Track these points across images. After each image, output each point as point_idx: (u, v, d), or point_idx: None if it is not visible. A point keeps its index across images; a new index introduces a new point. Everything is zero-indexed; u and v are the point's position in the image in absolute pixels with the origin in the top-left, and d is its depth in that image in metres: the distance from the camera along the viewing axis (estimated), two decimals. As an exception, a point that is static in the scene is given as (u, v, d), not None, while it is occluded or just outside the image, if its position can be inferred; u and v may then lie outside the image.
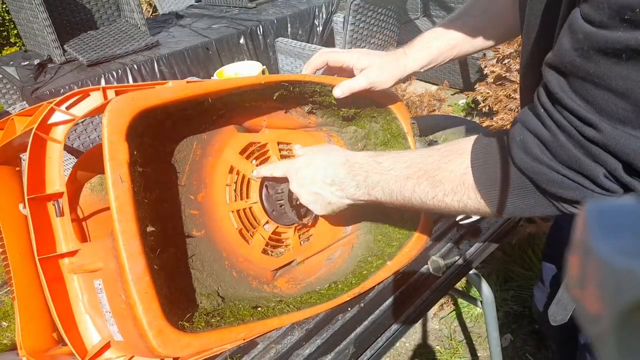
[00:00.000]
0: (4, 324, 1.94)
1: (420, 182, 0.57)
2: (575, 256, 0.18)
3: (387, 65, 0.77)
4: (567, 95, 0.42)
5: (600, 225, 0.17)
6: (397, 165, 0.61)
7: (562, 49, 0.41)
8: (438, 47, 0.79)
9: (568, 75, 0.42)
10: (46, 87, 2.31)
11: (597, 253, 0.16)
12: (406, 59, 0.78)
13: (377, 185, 0.62)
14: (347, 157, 0.67)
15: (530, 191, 0.50)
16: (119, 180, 0.52)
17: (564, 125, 0.43)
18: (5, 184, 0.72)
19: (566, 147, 0.44)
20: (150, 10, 5.03)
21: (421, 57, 0.79)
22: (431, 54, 0.79)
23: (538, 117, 0.47)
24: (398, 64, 0.78)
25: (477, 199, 0.53)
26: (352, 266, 0.80)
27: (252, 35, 2.93)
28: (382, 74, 0.76)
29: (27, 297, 0.70)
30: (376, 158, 0.64)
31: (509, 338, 1.59)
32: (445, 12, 3.64)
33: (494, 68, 2.04)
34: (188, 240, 0.66)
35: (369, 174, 0.63)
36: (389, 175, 0.61)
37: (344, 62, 0.77)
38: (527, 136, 0.48)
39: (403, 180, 0.59)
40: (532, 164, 0.47)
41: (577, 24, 0.39)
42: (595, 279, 0.17)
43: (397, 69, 0.78)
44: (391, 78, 0.77)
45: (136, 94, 0.56)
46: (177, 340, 0.53)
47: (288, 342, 0.67)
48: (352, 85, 0.75)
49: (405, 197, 0.59)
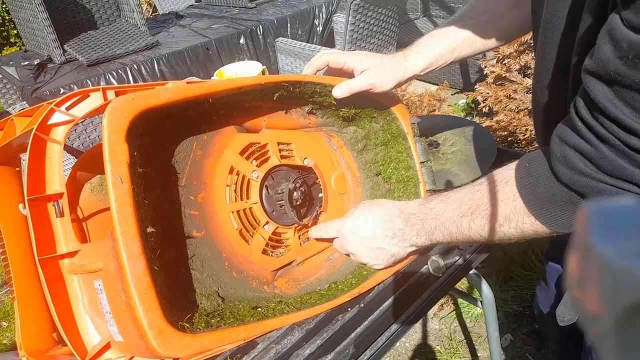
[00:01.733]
0: (4, 324, 1.94)
1: (474, 218, 0.59)
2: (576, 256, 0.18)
3: (387, 67, 0.77)
4: (613, 104, 0.42)
5: (601, 225, 0.17)
6: (448, 207, 0.62)
7: (605, 57, 0.41)
8: (438, 50, 0.79)
9: (613, 84, 0.41)
10: (46, 87, 2.31)
11: (597, 253, 0.16)
12: (406, 62, 0.79)
13: (436, 230, 0.64)
14: (400, 208, 0.69)
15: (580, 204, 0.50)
16: (119, 181, 0.52)
17: (606, 137, 0.43)
18: (5, 184, 0.72)
19: (610, 159, 0.44)
20: (150, 10, 5.03)
21: (421, 60, 0.79)
22: (431, 57, 0.79)
23: (576, 130, 0.47)
24: (398, 66, 0.78)
25: (532, 221, 0.54)
26: (352, 267, 0.80)
27: (252, 35, 2.93)
28: (382, 76, 0.76)
29: (27, 297, 0.70)
30: (427, 204, 0.66)
31: (509, 338, 1.59)
32: (445, 12, 3.64)
33: (494, 68, 2.04)
34: (188, 240, 0.66)
35: (425, 221, 0.65)
36: (443, 218, 0.63)
37: (344, 63, 0.77)
38: (567, 151, 0.48)
39: (458, 219, 0.61)
40: (577, 178, 0.47)
41: (619, 31, 0.39)
42: (595, 279, 0.17)
43: (397, 71, 0.78)
44: (391, 80, 0.77)
45: (136, 95, 0.56)
46: (177, 340, 0.53)
47: (288, 342, 0.67)
48: (352, 85, 0.75)
49: (465, 235, 0.61)
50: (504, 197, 0.56)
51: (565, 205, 0.51)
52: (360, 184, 0.89)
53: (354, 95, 0.76)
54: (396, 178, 0.87)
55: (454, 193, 0.64)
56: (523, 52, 2.01)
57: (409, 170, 0.85)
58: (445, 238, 0.64)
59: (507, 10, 0.77)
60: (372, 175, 0.89)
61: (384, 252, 0.70)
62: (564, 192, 0.50)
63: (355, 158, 0.89)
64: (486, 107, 2.12)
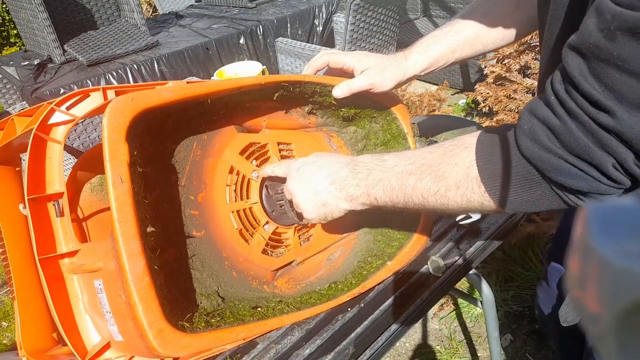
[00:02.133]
0: (4, 324, 1.94)
1: (423, 177, 0.56)
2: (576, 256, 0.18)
3: (387, 68, 0.77)
4: (585, 78, 0.41)
5: (601, 225, 0.17)
6: (401, 162, 0.60)
7: (587, 30, 0.40)
8: (438, 50, 0.79)
9: (589, 58, 0.41)
10: (46, 87, 2.30)
11: (597, 253, 0.16)
12: (407, 62, 0.78)
13: (378, 184, 0.61)
14: (354, 158, 0.67)
15: (536, 182, 0.49)
16: (119, 181, 0.52)
17: (576, 112, 0.43)
18: (5, 184, 0.72)
19: (576, 135, 0.43)
20: (150, 10, 5.03)
21: (421, 61, 0.79)
22: (431, 58, 0.79)
23: (548, 105, 0.46)
24: (399, 66, 0.78)
25: (481, 192, 0.52)
26: (352, 266, 0.80)
27: (252, 35, 2.93)
28: (382, 76, 0.76)
29: (27, 297, 0.70)
30: (381, 157, 0.63)
31: (509, 338, 1.59)
32: (445, 12, 3.64)
33: (494, 68, 2.04)
34: (188, 240, 0.66)
35: (371, 172, 0.62)
36: (391, 173, 0.60)
37: (345, 63, 0.77)
38: (535, 124, 0.47)
39: (405, 175, 0.58)
40: (539, 152, 0.46)
41: (604, 4, 0.38)
42: (595, 279, 0.17)
43: (397, 71, 0.78)
44: (391, 80, 0.77)
45: (136, 95, 0.56)
46: (177, 340, 0.53)
47: (288, 342, 0.67)
48: (352, 85, 0.75)
49: (406, 194, 0.58)
50: (459, 162, 0.53)
51: (519, 180, 0.49)
52: (360, 184, 0.89)
53: (354, 95, 0.76)
54: (396, 178, 0.87)
55: (413, 151, 0.61)
56: (523, 52, 2.01)
57: (409, 170, 0.85)
58: (384, 196, 0.60)
59: (508, 12, 0.77)
60: (372, 175, 0.89)
61: (316, 198, 0.65)
62: (522, 166, 0.49)
63: (355, 158, 0.89)
64: (486, 107, 2.12)
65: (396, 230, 0.83)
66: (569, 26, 0.52)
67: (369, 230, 0.86)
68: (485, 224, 0.87)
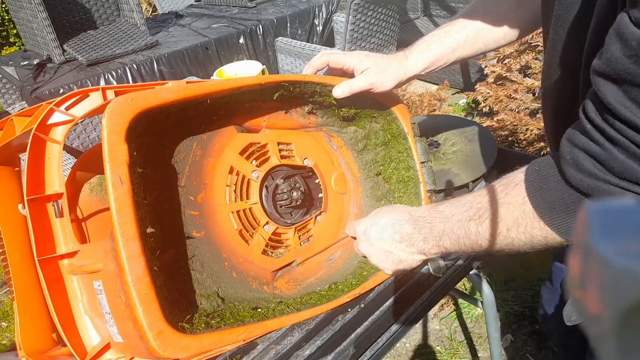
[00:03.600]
0: (3, 324, 1.94)
1: (482, 221, 0.57)
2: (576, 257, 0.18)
3: (388, 67, 0.77)
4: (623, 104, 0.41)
5: (601, 225, 0.17)
6: (457, 210, 0.61)
7: (613, 57, 0.40)
8: (439, 50, 0.79)
9: (623, 84, 0.41)
10: (45, 87, 2.30)
11: (597, 253, 0.16)
12: (407, 61, 0.78)
13: (444, 235, 0.62)
14: (411, 212, 0.68)
15: None
16: (118, 181, 0.52)
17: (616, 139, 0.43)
18: (5, 184, 0.72)
19: (620, 160, 0.43)
20: (149, 9, 5.03)
21: (422, 60, 0.78)
22: (432, 57, 0.79)
23: (586, 133, 0.46)
24: (399, 66, 0.78)
25: (541, 226, 0.52)
26: (352, 267, 0.80)
27: (252, 35, 2.93)
28: (382, 75, 0.76)
29: (26, 297, 0.70)
30: (436, 208, 0.64)
31: (510, 338, 1.59)
32: (445, 11, 3.63)
33: (495, 68, 2.04)
34: (188, 241, 0.66)
35: (433, 225, 0.63)
36: (451, 222, 0.61)
37: (345, 63, 0.77)
38: (577, 153, 0.47)
39: (466, 223, 0.59)
40: (587, 180, 0.47)
41: (628, 30, 0.38)
42: (595, 279, 0.17)
43: (398, 71, 0.77)
44: (392, 80, 0.77)
45: (136, 95, 0.56)
46: (177, 341, 0.53)
47: (288, 342, 0.67)
48: (353, 85, 0.75)
49: (472, 240, 0.59)
50: (513, 201, 0.54)
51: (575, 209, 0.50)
52: (361, 184, 0.89)
53: (354, 95, 0.76)
54: (396, 178, 0.86)
55: (464, 197, 0.62)
56: (523, 52, 2.01)
57: (410, 170, 0.85)
58: (453, 244, 0.62)
59: (509, 11, 0.77)
60: (373, 175, 0.89)
61: (392, 256, 0.68)
62: (573, 196, 0.49)
63: (355, 158, 0.89)
64: (487, 106, 2.12)
65: (396, 230, 0.83)
66: (575, 26, 0.52)
67: (369, 231, 0.86)
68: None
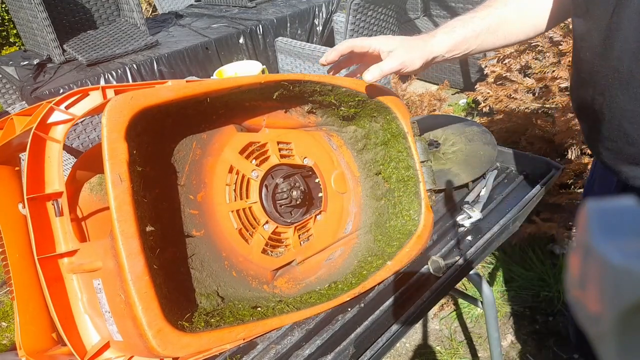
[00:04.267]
0: (3, 324, 1.94)
1: None
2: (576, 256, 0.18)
3: (414, 46, 0.76)
4: None
5: (601, 225, 0.17)
6: None
7: None
8: (463, 33, 0.78)
9: None
10: (45, 87, 2.30)
11: (597, 253, 0.16)
12: (433, 40, 0.78)
13: None
14: None
15: None
16: (118, 180, 0.52)
17: None
18: (5, 183, 0.72)
19: None
20: (149, 9, 5.02)
21: (446, 41, 0.78)
22: (456, 39, 0.78)
23: None
24: (425, 44, 0.77)
25: None
26: (352, 266, 0.80)
27: (252, 35, 2.92)
28: (410, 54, 0.75)
29: (26, 297, 0.70)
30: None
31: (510, 339, 1.59)
32: (445, 11, 3.63)
33: (495, 68, 2.04)
34: (187, 240, 0.66)
35: None
36: None
37: (370, 46, 0.76)
38: None
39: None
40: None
41: None
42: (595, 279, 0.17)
43: (424, 49, 0.77)
44: (419, 58, 0.76)
45: (136, 93, 0.56)
46: (177, 340, 0.53)
47: (288, 342, 0.67)
48: (383, 67, 0.74)
49: None
50: None
51: None
52: (360, 184, 0.89)
53: (356, 91, 0.76)
54: (396, 177, 0.86)
55: None
56: (523, 52, 2.00)
57: (409, 170, 0.85)
58: None
59: (530, 2, 0.76)
60: (372, 174, 0.89)
61: None
62: None
63: (355, 157, 0.89)
64: (487, 106, 2.12)
65: (396, 230, 0.83)
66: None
67: (369, 230, 0.86)
68: (485, 223, 0.87)
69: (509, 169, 1.01)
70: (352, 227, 0.86)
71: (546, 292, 1.67)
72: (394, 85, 2.20)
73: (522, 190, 0.94)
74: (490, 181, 0.96)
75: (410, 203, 0.84)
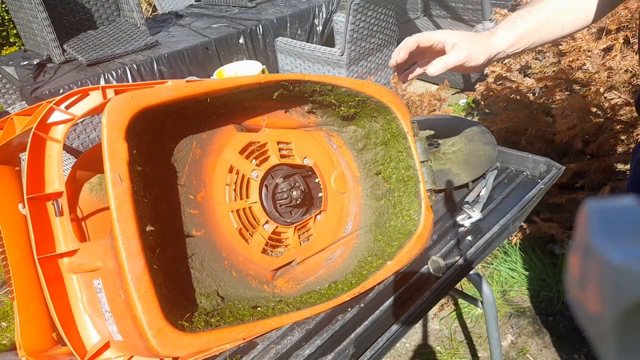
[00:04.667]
0: (3, 324, 1.94)
1: None
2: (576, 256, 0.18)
3: (478, 40, 0.76)
4: None
5: (601, 225, 0.17)
6: None
7: None
8: (523, 27, 0.77)
9: None
10: (45, 87, 2.30)
11: (597, 253, 0.16)
12: (494, 36, 0.77)
13: None
14: None
15: None
16: (118, 179, 0.52)
17: None
18: (5, 183, 0.72)
19: None
20: (149, 9, 5.02)
21: (508, 36, 0.77)
22: (517, 34, 0.77)
23: None
24: (488, 40, 0.77)
25: None
26: (352, 266, 0.80)
27: (252, 35, 2.92)
28: (475, 48, 0.75)
29: (26, 297, 0.70)
30: None
31: (510, 339, 1.59)
32: (445, 11, 3.63)
33: (495, 68, 2.04)
34: (187, 239, 0.66)
35: None
36: None
37: (435, 39, 0.76)
38: None
39: None
40: None
41: None
42: (595, 279, 0.17)
43: (487, 44, 0.76)
44: (484, 53, 0.76)
45: (136, 93, 0.56)
46: (177, 339, 0.53)
47: (288, 342, 0.67)
48: (447, 60, 0.74)
49: None
50: None
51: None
52: (360, 184, 0.89)
53: (355, 92, 0.75)
54: (396, 177, 0.86)
55: None
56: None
57: (409, 170, 0.85)
58: None
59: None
60: (372, 174, 0.89)
61: None
62: None
63: (355, 157, 0.89)
64: (487, 106, 2.12)
65: (396, 229, 0.83)
66: None
67: (369, 230, 0.86)
68: (485, 223, 0.87)
69: (509, 169, 1.01)
70: (352, 227, 0.86)
71: (546, 292, 1.67)
72: (394, 86, 2.19)
73: (522, 190, 0.94)
74: (490, 181, 0.96)
75: (410, 203, 0.84)
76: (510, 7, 2.45)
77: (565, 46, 1.72)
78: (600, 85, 1.58)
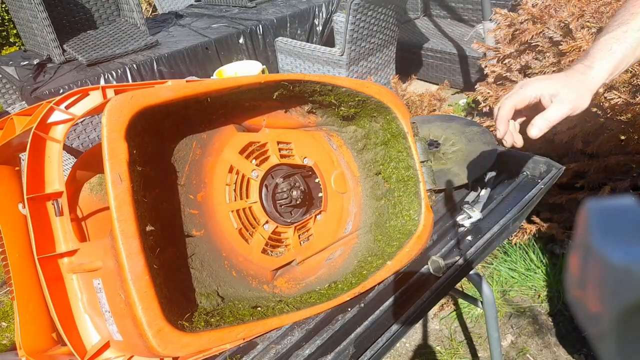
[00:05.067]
0: (3, 324, 1.94)
1: None
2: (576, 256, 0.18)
3: (577, 82, 0.70)
4: None
5: (601, 225, 0.17)
6: None
7: None
8: (621, 51, 0.70)
9: None
10: (45, 87, 2.30)
11: (597, 253, 0.16)
12: (592, 71, 0.71)
13: None
14: None
15: None
16: (118, 179, 0.52)
17: None
18: (5, 183, 0.72)
19: None
20: (149, 9, 5.02)
21: (606, 66, 0.70)
22: (616, 60, 0.70)
23: None
24: (586, 78, 0.70)
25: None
26: (352, 266, 0.80)
27: (252, 35, 2.92)
28: (578, 93, 0.69)
29: (26, 297, 0.70)
30: None
31: (510, 339, 1.59)
32: (445, 11, 3.63)
33: (495, 68, 2.04)
34: (187, 239, 0.66)
35: None
36: None
37: (530, 97, 0.70)
38: None
39: None
40: None
41: None
42: (595, 279, 0.17)
43: (587, 82, 0.70)
44: (588, 93, 0.70)
45: (136, 93, 0.56)
46: (177, 339, 0.53)
47: (288, 342, 0.67)
48: (549, 117, 0.68)
49: None
50: None
51: None
52: (360, 184, 0.89)
53: (355, 92, 0.75)
54: (396, 177, 0.86)
55: None
56: (523, 52, 2.00)
57: (409, 170, 0.85)
58: None
59: None
60: (372, 174, 0.89)
61: None
62: None
63: (355, 157, 0.89)
64: (487, 106, 2.12)
65: (396, 229, 0.83)
66: None
67: (369, 230, 0.86)
68: (485, 223, 0.87)
69: (509, 169, 1.01)
70: (352, 227, 0.86)
71: (546, 292, 1.67)
72: (394, 86, 2.19)
73: (522, 190, 0.94)
74: (490, 181, 0.96)
75: (410, 203, 0.84)
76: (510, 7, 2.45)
77: (565, 46, 1.72)
78: (600, 85, 1.58)
